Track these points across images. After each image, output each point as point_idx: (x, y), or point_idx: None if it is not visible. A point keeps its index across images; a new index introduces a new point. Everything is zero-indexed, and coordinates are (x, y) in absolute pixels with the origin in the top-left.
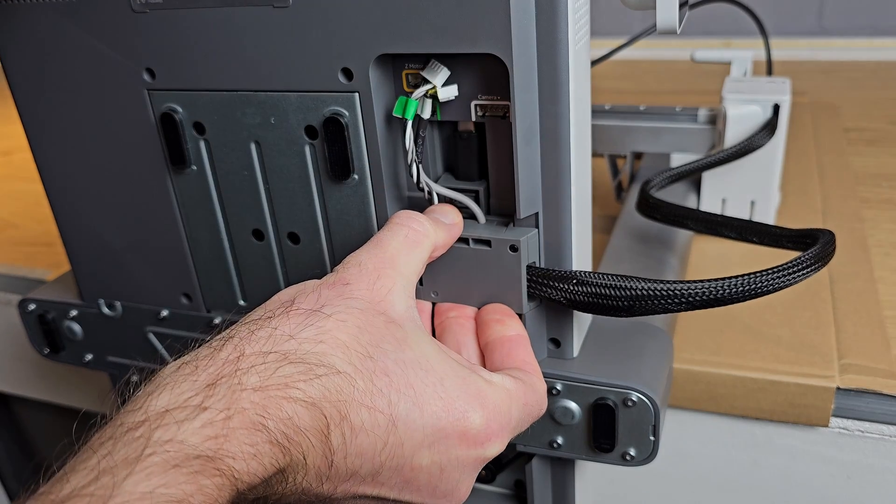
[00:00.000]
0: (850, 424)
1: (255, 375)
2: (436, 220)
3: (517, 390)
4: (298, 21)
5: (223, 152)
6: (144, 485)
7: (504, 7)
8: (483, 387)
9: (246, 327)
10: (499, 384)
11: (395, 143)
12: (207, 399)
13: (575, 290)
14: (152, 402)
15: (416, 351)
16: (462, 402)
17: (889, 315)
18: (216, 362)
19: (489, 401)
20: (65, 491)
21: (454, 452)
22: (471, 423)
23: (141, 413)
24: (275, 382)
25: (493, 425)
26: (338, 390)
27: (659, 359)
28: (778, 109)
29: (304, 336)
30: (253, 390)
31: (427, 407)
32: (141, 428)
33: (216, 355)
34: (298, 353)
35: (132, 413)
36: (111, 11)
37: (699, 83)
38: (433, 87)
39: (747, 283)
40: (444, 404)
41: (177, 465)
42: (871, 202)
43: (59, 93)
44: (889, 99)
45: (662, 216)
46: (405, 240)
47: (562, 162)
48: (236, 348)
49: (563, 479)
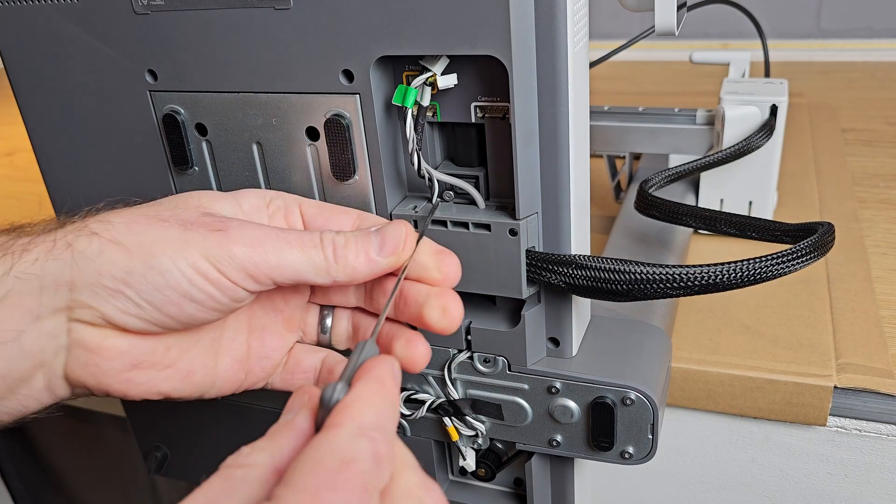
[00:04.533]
0: (847, 423)
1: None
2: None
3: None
4: (300, 23)
5: (225, 153)
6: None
7: (503, 9)
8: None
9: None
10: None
11: (395, 141)
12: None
13: (574, 273)
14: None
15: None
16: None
17: (886, 314)
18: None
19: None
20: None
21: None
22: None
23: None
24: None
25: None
26: None
27: (657, 358)
28: (776, 110)
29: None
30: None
31: None
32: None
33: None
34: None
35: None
36: (113, 13)
37: (697, 84)
38: (433, 75)
39: (745, 268)
40: None
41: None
42: (868, 202)
43: (61, 94)
44: (886, 100)
45: (661, 214)
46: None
47: (561, 162)
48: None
49: (562, 476)
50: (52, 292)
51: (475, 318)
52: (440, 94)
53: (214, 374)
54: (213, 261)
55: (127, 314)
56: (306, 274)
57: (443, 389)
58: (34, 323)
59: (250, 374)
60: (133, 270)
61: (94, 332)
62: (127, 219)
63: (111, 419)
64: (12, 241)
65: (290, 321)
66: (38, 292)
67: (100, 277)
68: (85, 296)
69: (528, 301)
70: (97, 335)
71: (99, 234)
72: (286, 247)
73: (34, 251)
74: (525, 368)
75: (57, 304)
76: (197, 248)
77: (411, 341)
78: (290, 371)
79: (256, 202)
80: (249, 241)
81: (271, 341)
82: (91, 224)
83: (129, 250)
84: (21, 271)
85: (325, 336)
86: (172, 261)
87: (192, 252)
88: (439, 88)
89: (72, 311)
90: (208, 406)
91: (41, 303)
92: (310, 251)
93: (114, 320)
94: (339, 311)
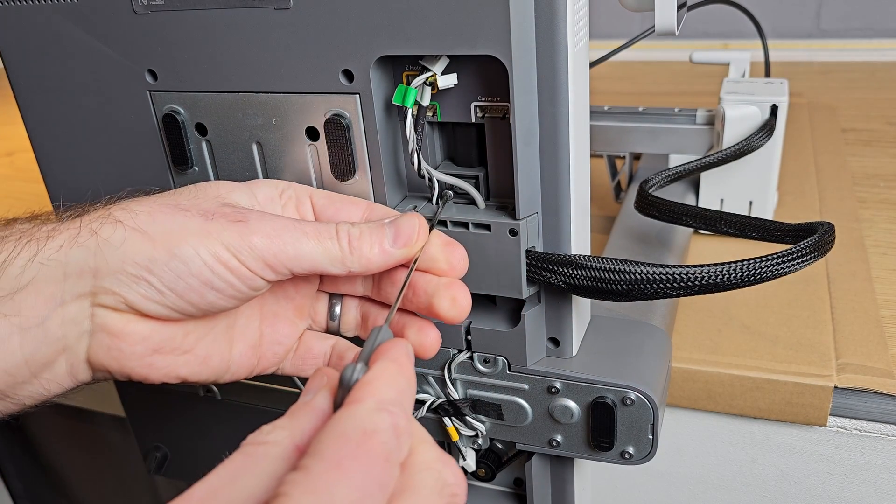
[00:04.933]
0: (847, 423)
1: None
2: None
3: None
4: (300, 23)
5: (225, 153)
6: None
7: (503, 9)
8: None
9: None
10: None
11: (395, 141)
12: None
13: (574, 273)
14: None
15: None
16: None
17: (886, 314)
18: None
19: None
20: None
21: None
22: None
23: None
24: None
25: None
26: None
27: (657, 358)
28: (776, 110)
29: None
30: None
31: None
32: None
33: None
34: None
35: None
36: (113, 13)
37: (697, 84)
38: (433, 75)
39: (745, 268)
40: None
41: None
42: (868, 202)
43: (61, 94)
44: (886, 100)
45: (661, 214)
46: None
47: (561, 162)
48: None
49: (562, 477)
50: (75, 279)
51: (475, 318)
52: (440, 94)
53: (229, 360)
54: (233, 251)
55: (149, 300)
56: (322, 264)
57: (443, 389)
58: (58, 308)
59: (262, 360)
60: (156, 258)
61: (117, 317)
62: (149, 208)
63: (111, 419)
64: (37, 228)
65: (301, 309)
66: (62, 279)
67: (123, 265)
68: (108, 282)
69: (528, 301)
70: (120, 320)
71: (123, 223)
72: (303, 238)
73: (59, 238)
74: (525, 368)
75: (81, 291)
76: (218, 238)
77: (423, 328)
78: (301, 357)
79: (270, 192)
80: (268, 232)
81: (283, 328)
82: (115, 212)
83: (153, 239)
84: (46, 258)
85: (334, 323)
86: (195, 250)
87: (213, 242)
88: (439, 88)
89: (95, 296)
90: (208, 406)
91: (65, 289)
92: (326, 242)
93: (136, 306)
94: (348, 299)
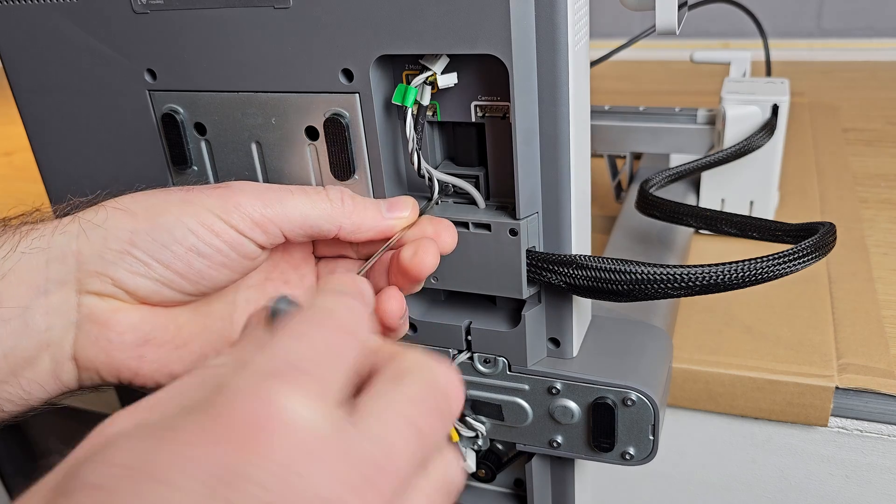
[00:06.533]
0: (848, 424)
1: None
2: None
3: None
4: (299, 22)
5: (224, 153)
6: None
7: (504, 8)
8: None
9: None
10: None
11: (395, 141)
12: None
13: (575, 273)
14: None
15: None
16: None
17: (887, 314)
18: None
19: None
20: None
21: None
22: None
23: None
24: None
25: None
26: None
27: (658, 358)
28: (777, 110)
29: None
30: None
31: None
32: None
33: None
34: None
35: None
36: (112, 12)
37: (698, 84)
38: (433, 74)
39: (746, 268)
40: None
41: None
42: (869, 202)
43: (60, 93)
44: (887, 99)
45: (662, 214)
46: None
47: (561, 162)
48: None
49: (562, 477)
50: (58, 264)
51: (475, 319)
52: (440, 94)
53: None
54: (217, 212)
55: (136, 274)
56: (313, 219)
57: None
58: (40, 298)
59: None
60: (138, 229)
61: (105, 304)
62: (132, 193)
63: None
64: (21, 221)
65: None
66: (44, 266)
67: (106, 241)
68: (93, 264)
69: (529, 301)
70: (107, 308)
71: (105, 205)
72: (288, 195)
73: (41, 228)
74: (525, 369)
75: (65, 277)
76: (202, 204)
77: (388, 293)
78: None
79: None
80: (252, 191)
81: None
82: (100, 201)
83: (135, 214)
84: (27, 247)
85: None
86: (177, 217)
87: (196, 208)
88: (439, 88)
89: (81, 283)
90: None
91: (48, 277)
92: (313, 197)
93: (123, 284)
94: None
